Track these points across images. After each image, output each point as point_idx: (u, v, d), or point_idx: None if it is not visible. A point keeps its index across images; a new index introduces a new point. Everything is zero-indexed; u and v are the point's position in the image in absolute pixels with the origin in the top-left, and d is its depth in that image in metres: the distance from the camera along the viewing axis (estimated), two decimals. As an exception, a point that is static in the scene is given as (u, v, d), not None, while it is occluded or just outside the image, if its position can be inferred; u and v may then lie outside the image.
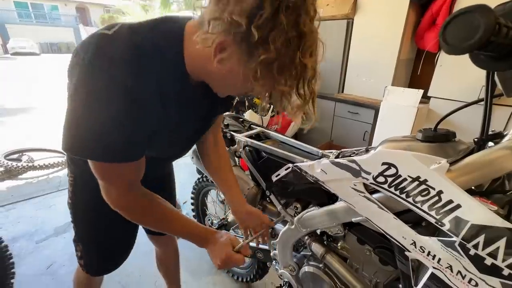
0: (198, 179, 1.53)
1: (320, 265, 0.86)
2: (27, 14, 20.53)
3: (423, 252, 0.54)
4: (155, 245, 1.15)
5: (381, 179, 0.61)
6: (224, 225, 1.37)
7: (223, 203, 1.94)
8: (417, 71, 2.60)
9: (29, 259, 1.64)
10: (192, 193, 1.61)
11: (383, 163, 0.61)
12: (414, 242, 0.55)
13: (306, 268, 0.89)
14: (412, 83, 2.77)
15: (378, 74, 2.58)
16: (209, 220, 1.48)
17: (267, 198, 1.01)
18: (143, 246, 1.13)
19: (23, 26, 19.25)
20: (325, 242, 0.87)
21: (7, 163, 2.57)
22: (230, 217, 1.44)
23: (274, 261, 1.05)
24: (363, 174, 0.65)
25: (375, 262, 0.75)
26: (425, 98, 2.21)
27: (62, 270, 1.57)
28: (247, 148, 1.03)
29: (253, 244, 1.11)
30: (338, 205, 0.76)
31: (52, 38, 20.59)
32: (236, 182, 0.87)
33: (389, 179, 0.60)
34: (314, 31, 0.47)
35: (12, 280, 1.25)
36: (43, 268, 1.58)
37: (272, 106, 2.73)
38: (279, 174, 0.91)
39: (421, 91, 1.97)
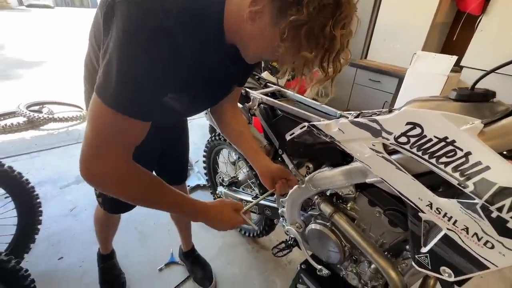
0: (211, 137, 1.54)
1: (327, 224, 0.87)
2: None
3: (439, 213, 0.52)
4: None
5: (403, 139, 0.58)
6: (235, 183, 1.41)
7: (234, 164, 1.98)
8: (451, 37, 2.37)
9: (53, 202, 1.78)
10: (204, 151, 1.63)
11: (408, 123, 0.57)
12: (431, 204, 0.54)
13: (313, 226, 0.91)
14: (444, 51, 2.54)
15: (408, 39, 2.37)
16: (220, 177, 1.52)
17: (279, 158, 1.01)
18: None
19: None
20: (334, 202, 0.88)
21: (29, 113, 2.66)
22: (241, 176, 1.47)
23: (281, 218, 1.08)
24: (384, 134, 0.62)
25: (384, 224, 0.75)
26: (457, 67, 2.03)
27: (84, 214, 1.70)
28: (262, 105, 1.00)
29: (262, 202, 1.13)
30: (352, 165, 0.74)
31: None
32: (259, 146, 0.86)
33: (412, 140, 0.57)
34: (351, 3, 0.45)
35: (40, 218, 1.36)
36: (67, 210, 1.71)
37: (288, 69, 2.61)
38: (293, 133, 0.89)
39: (454, 57, 1.80)
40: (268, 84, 1.17)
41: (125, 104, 0.47)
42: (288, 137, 0.90)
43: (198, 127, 2.85)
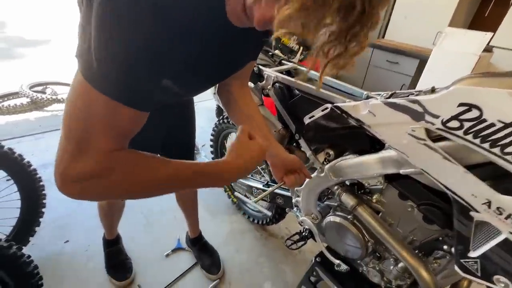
0: (218, 120, 1.45)
1: (349, 217, 0.79)
2: None
3: (500, 214, 0.43)
4: None
5: (454, 123, 0.48)
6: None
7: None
8: (479, 15, 2.16)
9: (59, 185, 1.74)
10: (212, 135, 1.55)
11: (461, 104, 0.47)
12: (489, 202, 0.45)
13: (331, 218, 0.83)
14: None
15: (432, 16, 2.17)
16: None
17: (295, 143, 0.92)
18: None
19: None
20: (356, 193, 0.79)
21: (32, 94, 2.60)
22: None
23: (295, 208, 1.01)
24: (428, 118, 0.52)
25: (416, 219, 0.66)
26: (488, 46, 1.85)
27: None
28: (277, 84, 0.90)
29: (276, 191, 1.06)
30: (384, 153, 0.65)
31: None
32: (271, 133, 0.75)
33: (467, 124, 0.47)
34: None
35: (44, 201, 1.33)
36: (71, 194, 1.68)
37: (301, 49, 2.45)
38: (313, 116, 0.79)
39: (489, 34, 1.62)
40: (283, 61, 1.05)
41: (122, 89, 0.38)
42: (307, 120, 0.80)
43: (205, 110, 2.76)
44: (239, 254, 1.42)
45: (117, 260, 1.25)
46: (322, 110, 0.76)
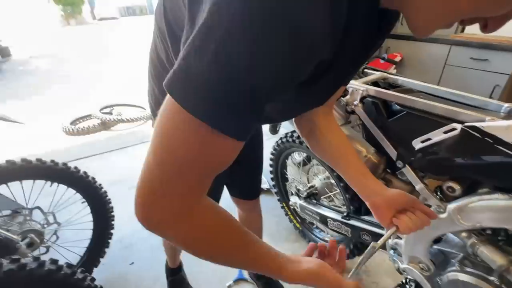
0: (281, 138, 1.32)
1: (491, 278, 0.57)
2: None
3: None
4: (239, 208, 1.04)
5: None
6: (314, 194, 1.17)
7: (300, 165, 1.74)
8: None
9: (123, 203, 1.80)
10: (272, 154, 1.43)
11: None
12: None
13: (460, 276, 0.61)
14: None
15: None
16: (293, 186, 1.30)
17: (393, 173, 0.73)
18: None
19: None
20: (502, 246, 0.57)
21: (102, 116, 2.86)
22: (318, 184, 1.22)
23: (391, 251, 0.81)
24: None
25: None
26: None
27: None
28: (368, 99, 0.73)
29: (360, 225, 0.87)
30: None
31: (128, 2, 22.44)
32: (367, 168, 0.58)
33: None
34: None
35: (113, 222, 1.36)
36: (136, 212, 1.72)
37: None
38: (428, 139, 0.60)
39: None
40: (366, 70, 0.88)
41: (221, 112, 0.27)
42: (418, 144, 0.62)
43: (256, 124, 2.69)
44: (307, 290, 1.25)
45: (180, 289, 1.19)
46: (446, 132, 0.57)
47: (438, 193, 0.65)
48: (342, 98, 0.80)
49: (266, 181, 1.90)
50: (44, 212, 1.19)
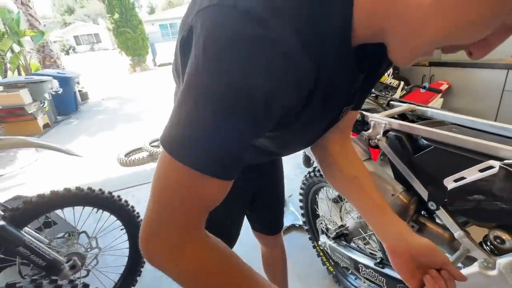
0: (309, 172, 1.28)
1: None
2: (167, 33, 26.16)
3: None
4: (261, 244, 1.01)
5: None
6: (344, 235, 1.07)
7: (337, 202, 1.63)
8: None
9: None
10: (301, 188, 1.38)
11: None
12: None
13: None
14: None
15: None
16: (321, 223, 1.22)
17: (427, 215, 0.64)
18: (248, 238, 1.01)
19: (165, 43, 24.79)
20: None
21: (151, 149, 3.18)
22: (351, 224, 1.12)
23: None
24: None
25: None
26: None
27: None
28: (391, 133, 0.68)
29: (397, 275, 0.76)
30: None
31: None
32: (385, 201, 0.52)
33: None
34: None
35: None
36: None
37: (402, 84, 2.11)
38: (462, 178, 0.52)
39: None
40: (392, 102, 0.84)
41: (203, 157, 0.30)
42: (450, 183, 0.54)
43: (290, 157, 2.66)
44: None
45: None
46: (482, 170, 0.49)
47: (487, 244, 0.55)
48: (364, 132, 0.76)
49: (298, 216, 1.81)
50: (89, 237, 1.31)
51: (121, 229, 1.38)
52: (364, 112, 0.78)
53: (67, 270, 1.12)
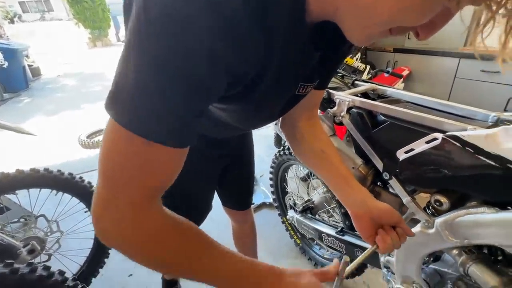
0: (279, 151, 1.32)
1: (485, 302, 0.52)
2: (132, 5, 24.00)
3: None
4: (231, 219, 1.04)
5: None
6: (310, 209, 1.14)
7: (305, 180, 1.71)
8: None
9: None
10: (272, 167, 1.42)
11: None
12: None
13: (452, 298, 0.57)
14: None
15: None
16: (290, 199, 1.28)
17: (382, 185, 0.71)
18: (219, 214, 1.03)
19: (129, 16, 22.68)
20: (495, 265, 0.52)
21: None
22: (316, 198, 1.19)
23: (384, 269, 0.76)
24: None
25: None
26: None
27: None
28: (353, 110, 0.73)
29: (355, 241, 0.84)
30: None
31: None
32: (350, 172, 0.57)
33: None
34: None
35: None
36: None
37: (368, 67, 2.21)
38: (411, 149, 0.58)
39: None
40: (356, 82, 0.88)
41: (147, 121, 0.28)
42: (401, 155, 0.60)
43: (262, 137, 2.70)
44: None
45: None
46: (427, 142, 0.55)
47: (429, 208, 0.62)
48: (329, 109, 0.80)
49: (268, 194, 1.88)
50: (48, 220, 1.24)
51: (85, 211, 1.32)
52: (330, 91, 0.81)
53: (24, 254, 1.05)
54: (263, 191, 1.96)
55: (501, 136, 0.44)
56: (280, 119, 0.66)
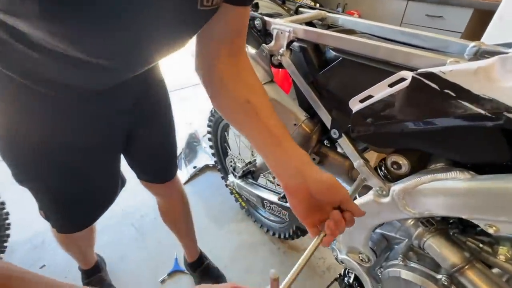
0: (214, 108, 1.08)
1: (439, 277, 0.44)
2: None
3: None
4: (152, 194, 0.83)
5: None
6: (251, 172, 0.99)
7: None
8: None
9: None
10: (209, 126, 1.20)
11: None
12: None
13: (403, 274, 0.48)
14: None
15: None
16: (231, 162, 1.11)
17: (329, 143, 0.55)
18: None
19: None
20: (455, 240, 0.43)
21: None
22: (259, 159, 1.04)
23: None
24: None
25: None
26: None
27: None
28: (296, 44, 0.52)
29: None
30: None
31: None
32: (286, 130, 0.40)
33: None
34: None
35: (7, 221, 1.08)
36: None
37: (318, 6, 1.97)
38: (370, 96, 0.41)
39: None
40: (301, 9, 0.66)
41: None
42: (355, 104, 0.43)
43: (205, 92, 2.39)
44: (250, 275, 1.13)
45: (98, 292, 0.99)
46: (392, 84, 0.38)
47: (382, 170, 0.49)
48: (264, 45, 0.57)
49: (211, 155, 1.70)
50: None
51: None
52: (266, 18, 0.57)
53: None
54: (206, 152, 1.76)
55: (498, 71, 0.29)
56: (195, 57, 0.43)
